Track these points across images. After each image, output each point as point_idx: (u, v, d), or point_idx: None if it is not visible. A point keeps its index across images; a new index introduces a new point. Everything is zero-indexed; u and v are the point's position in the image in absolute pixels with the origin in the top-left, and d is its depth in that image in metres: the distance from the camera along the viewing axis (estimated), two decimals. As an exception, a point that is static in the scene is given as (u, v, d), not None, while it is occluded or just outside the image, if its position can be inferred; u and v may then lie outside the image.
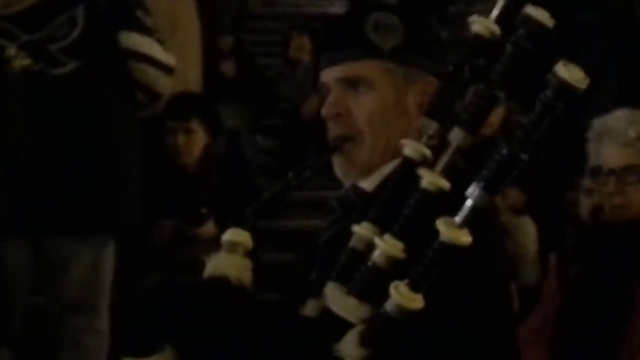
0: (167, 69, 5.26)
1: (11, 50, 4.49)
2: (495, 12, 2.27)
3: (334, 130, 2.58)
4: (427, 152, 2.23)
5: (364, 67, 2.56)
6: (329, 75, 2.61)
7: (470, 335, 2.32)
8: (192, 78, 6.52)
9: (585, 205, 3.58)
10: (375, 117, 2.54)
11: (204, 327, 2.39)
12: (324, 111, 2.61)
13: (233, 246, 2.49)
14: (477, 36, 2.26)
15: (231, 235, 2.50)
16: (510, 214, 4.99)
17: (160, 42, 5.39)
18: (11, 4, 4.73)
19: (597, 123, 3.59)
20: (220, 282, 2.46)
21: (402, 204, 2.20)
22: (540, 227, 4.52)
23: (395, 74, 2.55)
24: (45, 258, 4.73)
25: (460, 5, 10.73)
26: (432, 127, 2.27)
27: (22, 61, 4.32)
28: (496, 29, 2.26)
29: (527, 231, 4.50)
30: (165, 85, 5.33)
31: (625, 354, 3.34)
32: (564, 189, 4.63)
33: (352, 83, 2.56)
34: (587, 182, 3.61)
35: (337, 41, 2.67)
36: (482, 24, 2.24)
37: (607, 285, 3.42)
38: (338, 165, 2.60)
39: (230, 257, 2.48)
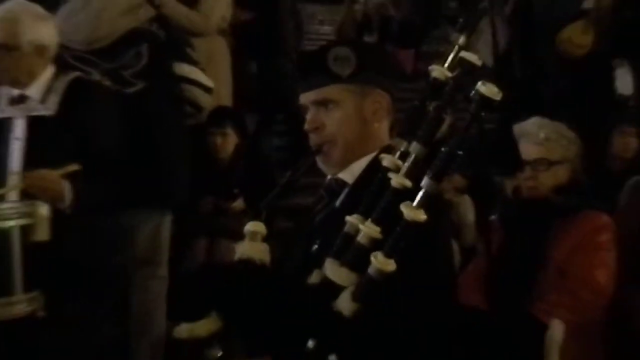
0: (207, 89, 5.36)
1: (96, 75, 4.60)
2: (448, 61, 2.45)
3: (314, 139, 2.63)
4: (399, 163, 2.27)
5: (330, 91, 2.59)
6: (306, 98, 2.65)
7: (428, 280, 2.37)
8: (224, 96, 6.50)
9: (509, 186, 3.64)
10: (343, 126, 2.58)
11: (239, 297, 2.46)
12: (305, 127, 2.64)
13: (253, 235, 2.53)
14: (435, 79, 2.45)
15: (251, 227, 2.54)
16: (454, 193, 4.90)
17: (203, 70, 5.43)
18: (96, 42, 4.86)
19: (516, 128, 3.60)
20: (247, 263, 2.51)
21: (379, 199, 2.23)
22: (477, 203, 4.52)
23: (354, 92, 2.57)
24: (122, 226, 4.74)
25: (433, 45, 10.26)
26: (403, 144, 2.30)
27: (105, 83, 4.46)
28: (448, 73, 2.43)
29: (467, 205, 4.57)
30: (206, 101, 5.41)
31: (535, 296, 3.33)
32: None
33: (322, 103, 2.60)
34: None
35: (308, 72, 2.69)
36: (439, 71, 2.42)
37: (524, 244, 3.43)
38: (321, 163, 2.66)
39: (252, 244, 2.52)
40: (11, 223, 3.68)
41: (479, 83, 2.09)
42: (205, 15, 6.06)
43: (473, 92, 2.10)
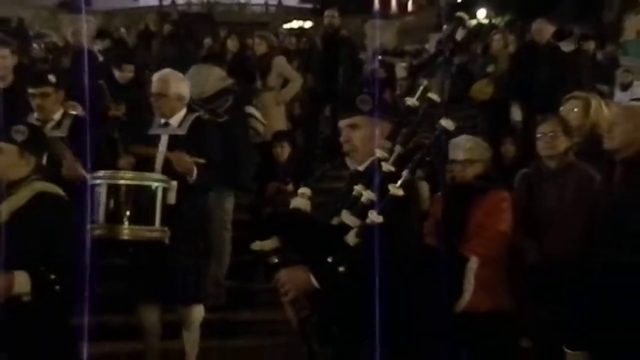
0: (263, 123, 5.58)
1: (203, 113, 4.52)
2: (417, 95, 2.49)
3: (345, 147, 2.63)
4: (386, 156, 2.37)
5: (356, 119, 2.61)
6: (342, 123, 2.67)
7: (405, 226, 2.47)
8: (282, 124, 6.53)
9: (448, 175, 3.54)
10: (361, 140, 2.59)
11: (291, 228, 2.57)
12: (341, 139, 2.66)
13: (302, 195, 2.64)
14: (409, 106, 2.45)
15: (301, 190, 2.65)
16: (418, 179, 4.97)
17: (259, 110, 5.73)
18: (203, 94, 4.90)
19: (453, 141, 3.48)
20: (297, 210, 2.62)
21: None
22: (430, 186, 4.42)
23: (369, 120, 2.58)
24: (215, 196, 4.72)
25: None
26: (388, 144, 2.42)
27: (204, 116, 4.41)
28: (417, 103, 2.43)
29: (424, 187, 4.38)
30: (263, 130, 5.64)
31: (463, 240, 3.28)
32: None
33: (351, 126, 2.61)
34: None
35: (344, 109, 2.73)
36: (411, 101, 2.42)
37: (457, 209, 3.31)
38: (348, 161, 2.67)
39: (301, 200, 2.63)
40: (156, 184, 3.69)
41: (442, 118, 2.16)
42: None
43: (437, 124, 2.18)
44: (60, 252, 2.74)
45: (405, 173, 2.27)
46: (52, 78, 4.42)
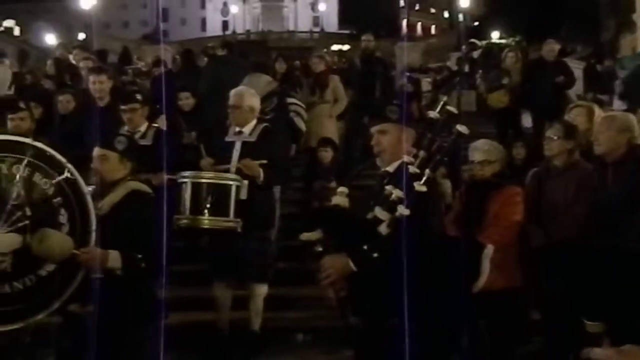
0: (302, 107, 5.86)
1: None
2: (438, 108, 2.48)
3: (375, 150, 2.63)
4: (412, 160, 2.38)
5: (384, 126, 2.61)
6: (373, 129, 2.66)
7: (429, 220, 2.47)
8: (329, 132, 6.45)
9: (467, 173, 3.51)
10: (390, 144, 2.58)
11: (333, 221, 2.57)
12: (372, 143, 2.65)
13: (341, 193, 2.62)
14: (431, 118, 2.45)
15: (340, 189, 2.65)
16: (441, 178, 4.93)
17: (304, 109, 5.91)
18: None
19: (472, 145, 3.46)
20: (336, 206, 2.61)
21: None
22: (452, 183, 4.29)
23: (397, 127, 2.57)
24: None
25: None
26: (414, 150, 2.42)
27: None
28: (438, 115, 2.45)
29: (447, 184, 4.28)
30: (302, 126, 5.84)
31: (480, 230, 3.23)
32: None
33: (381, 132, 2.61)
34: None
35: (376, 117, 2.73)
36: (433, 113, 2.42)
37: (476, 203, 3.32)
38: (378, 162, 2.67)
39: (340, 198, 2.60)
40: (231, 182, 3.72)
41: (458, 125, 2.16)
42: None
43: (454, 128, 2.18)
44: (146, 236, 2.80)
45: (427, 171, 2.28)
46: (139, 96, 4.53)
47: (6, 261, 2.45)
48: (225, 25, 52.76)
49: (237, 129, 4.13)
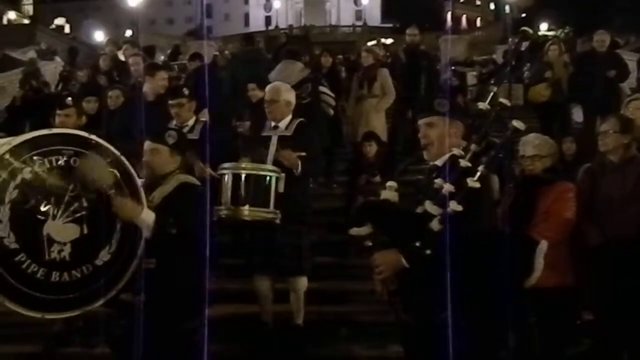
0: (332, 97, 6.01)
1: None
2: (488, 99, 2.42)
3: (423, 143, 2.58)
4: (462, 153, 2.34)
5: (433, 119, 2.55)
6: (421, 122, 2.61)
7: (481, 213, 2.41)
8: (373, 127, 6.35)
9: (518, 168, 3.47)
10: (437, 137, 2.53)
11: (383, 216, 2.55)
12: (420, 136, 2.60)
13: (390, 187, 2.61)
14: (481, 110, 2.42)
15: (389, 183, 2.63)
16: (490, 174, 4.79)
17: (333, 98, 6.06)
18: (290, 82, 4.91)
19: (523, 139, 3.42)
20: (386, 200, 2.61)
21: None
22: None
23: (444, 120, 2.52)
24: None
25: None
26: (463, 144, 2.39)
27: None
28: (488, 107, 2.40)
29: (495, 179, 4.33)
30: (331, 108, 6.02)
31: (531, 225, 3.20)
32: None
33: (429, 125, 2.55)
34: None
35: (424, 110, 2.66)
36: (483, 105, 2.40)
37: (526, 199, 3.29)
38: (426, 155, 2.61)
39: (389, 192, 2.60)
40: (270, 174, 3.75)
41: (514, 120, 2.12)
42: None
43: (509, 124, 2.14)
44: (194, 228, 2.85)
45: (481, 168, 2.24)
46: (185, 91, 4.58)
47: (65, 250, 2.53)
48: (268, 20, 53.08)
49: (273, 123, 4.15)
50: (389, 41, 22.47)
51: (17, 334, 4.21)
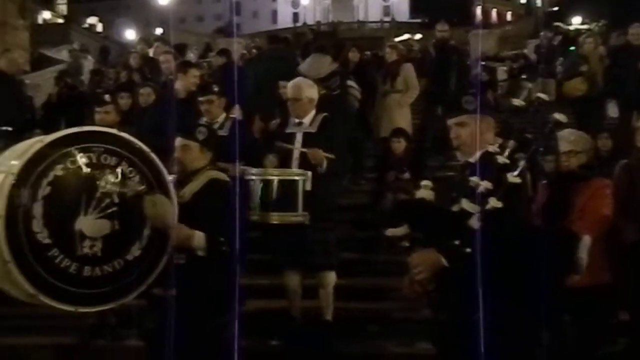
0: (358, 90, 6.17)
1: (322, 90, 4.65)
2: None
3: (454, 142, 2.55)
4: (498, 150, 2.30)
5: (463, 118, 2.52)
6: (450, 122, 2.57)
7: (518, 209, 2.37)
8: (400, 123, 6.34)
9: (552, 163, 3.34)
10: (469, 136, 2.50)
11: (419, 216, 2.52)
12: (451, 137, 2.58)
13: (425, 187, 2.63)
14: (517, 107, 2.38)
15: (424, 182, 2.65)
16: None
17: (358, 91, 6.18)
18: (318, 76, 5.17)
19: (558, 134, 3.23)
20: (422, 200, 2.62)
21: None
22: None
23: (475, 118, 2.48)
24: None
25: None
26: (499, 140, 2.36)
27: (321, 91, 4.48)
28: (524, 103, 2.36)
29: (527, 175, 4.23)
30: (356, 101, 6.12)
31: (569, 221, 3.14)
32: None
33: (459, 125, 2.52)
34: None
35: (453, 109, 2.63)
36: (519, 102, 2.36)
37: (561, 195, 3.21)
38: (458, 154, 2.60)
39: (425, 191, 2.63)
40: (297, 178, 3.74)
41: (556, 113, 2.06)
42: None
43: (550, 117, 2.08)
44: (224, 224, 2.85)
45: (521, 163, 2.19)
46: (215, 88, 4.59)
47: (97, 246, 2.56)
48: (295, 17, 53.19)
49: (297, 120, 4.13)
50: (418, 36, 22.26)
51: (51, 326, 4.29)
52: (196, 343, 2.80)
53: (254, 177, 3.73)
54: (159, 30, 27.35)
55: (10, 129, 5.40)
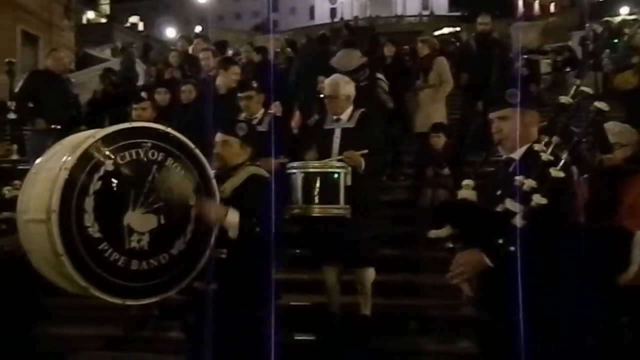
0: (385, 82, 6.14)
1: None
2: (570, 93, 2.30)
3: (496, 137, 2.50)
4: (543, 147, 2.25)
5: (505, 112, 2.46)
6: (492, 115, 2.52)
7: (565, 204, 2.31)
8: (439, 118, 6.31)
9: (596, 159, 3.27)
10: (512, 129, 2.44)
11: (462, 217, 2.49)
12: (492, 131, 2.52)
13: (467, 187, 2.53)
14: (562, 104, 2.30)
15: (466, 181, 2.53)
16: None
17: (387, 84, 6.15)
18: (349, 68, 5.27)
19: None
20: (465, 200, 2.53)
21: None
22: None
23: (517, 111, 2.42)
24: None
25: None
26: (545, 138, 2.29)
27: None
28: (570, 100, 2.30)
29: (574, 170, 4.11)
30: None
31: (618, 218, 3.04)
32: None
33: (502, 118, 2.47)
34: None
35: (495, 102, 2.57)
36: (565, 98, 2.30)
37: (605, 191, 3.11)
38: (500, 149, 2.53)
39: (467, 191, 2.53)
40: (339, 171, 3.75)
41: (596, 102, 2.01)
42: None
43: (592, 106, 2.03)
44: (264, 219, 2.88)
45: (565, 156, 2.14)
46: (254, 84, 4.66)
47: (143, 240, 2.62)
48: (333, 12, 53.11)
49: (335, 116, 4.14)
50: (457, 30, 21.93)
51: (99, 317, 4.43)
52: (235, 336, 2.84)
53: (295, 171, 3.76)
54: (198, 28, 27.72)
55: (59, 127, 5.55)
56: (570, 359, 2.30)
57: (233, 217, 2.81)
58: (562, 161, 2.12)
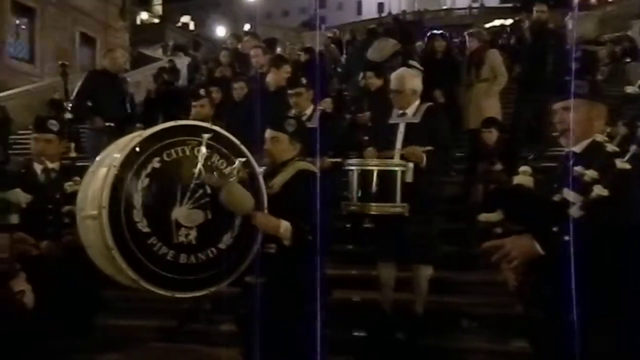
0: (420, 69, 5.53)
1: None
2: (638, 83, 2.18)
3: (558, 127, 2.42)
4: (606, 139, 2.19)
5: (571, 103, 2.38)
6: (557, 106, 2.45)
7: (632, 197, 2.16)
8: (494, 113, 6.09)
9: None
10: (576, 122, 2.35)
11: (517, 202, 2.41)
12: (555, 121, 2.44)
13: (524, 172, 2.46)
14: (629, 94, 2.19)
15: (523, 168, 2.49)
16: None
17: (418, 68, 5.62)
18: (383, 56, 5.56)
19: None
20: (520, 186, 2.46)
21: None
22: None
23: (582, 103, 2.36)
24: None
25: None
26: (608, 129, 2.23)
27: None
28: (638, 90, 2.17)
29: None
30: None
31: None
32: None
33: (566, 109, 2.40)
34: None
35: (558, 93, 2.48)
36: (632, 89, 2.17)
37: None
38: (562, 141, 2.43)
39: (523, 177, 2.47)
40: (396, 168, 3.71)
41: None
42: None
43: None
44: (312, 215, 2.86)
45: (632, 148, 2.01)
46: (303, 80, 4.66)
47: (191, 234, 2.66)
48: (380, 7, 52.63)
49: (400, 111, 4.06)
50: (508, 22, 21.32)
51: (154, 309, 4.51)
52: (284, 330, 2.86)
53: (352, 168, 3.72)
54: (246, 26, 28.10)
55: (112, 125, 5.70)
56: None
57: (286, 227, 2.84)
58: (630, 153, 1.98)
